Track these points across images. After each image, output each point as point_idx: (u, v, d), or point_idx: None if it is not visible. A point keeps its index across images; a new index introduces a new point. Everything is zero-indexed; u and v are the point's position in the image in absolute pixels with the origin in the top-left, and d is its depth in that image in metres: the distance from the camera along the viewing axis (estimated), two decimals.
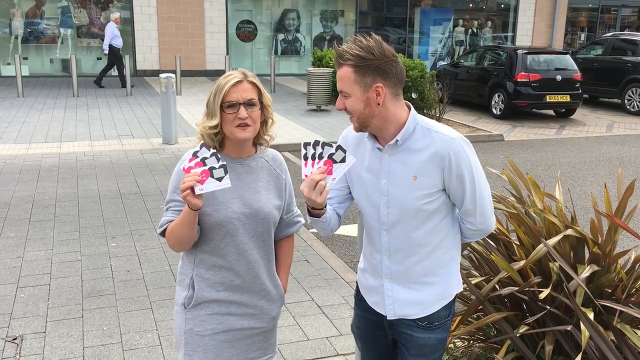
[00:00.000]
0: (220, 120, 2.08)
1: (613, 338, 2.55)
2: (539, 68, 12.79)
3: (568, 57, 13.35)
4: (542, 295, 2.58)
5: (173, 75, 9.39)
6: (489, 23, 21.93)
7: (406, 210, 2.08)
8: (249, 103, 2.08)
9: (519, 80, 12.48)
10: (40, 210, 6.16)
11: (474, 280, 2.93)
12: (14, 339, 3.76)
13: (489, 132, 11.25)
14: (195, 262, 2.20)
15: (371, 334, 2.36)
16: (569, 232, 2.80)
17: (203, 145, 2.00)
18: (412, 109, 2.11)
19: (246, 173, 2.19)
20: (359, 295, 2.37)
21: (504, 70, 12.91)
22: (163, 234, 2.16)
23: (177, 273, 2.28)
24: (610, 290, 2.85)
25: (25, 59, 16.90)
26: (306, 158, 1.99)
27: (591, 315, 2.46)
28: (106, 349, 3.69)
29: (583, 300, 2.63)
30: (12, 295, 4.34)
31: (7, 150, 8.64)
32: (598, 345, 2.42)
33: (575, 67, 13.11)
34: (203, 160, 1.97)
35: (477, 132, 11.19)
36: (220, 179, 1.96)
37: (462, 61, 14.85)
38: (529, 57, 12.80)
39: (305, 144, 1.98)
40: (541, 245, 2.73)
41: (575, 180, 8.15)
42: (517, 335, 2.71)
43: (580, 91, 13.00)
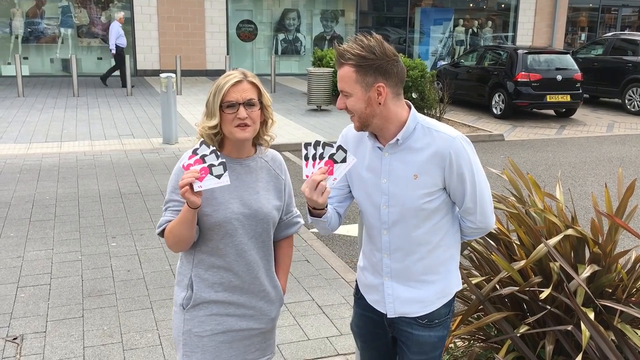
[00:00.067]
0: (220, 121, 2.07)
1: (613, 338, 2.55)
2: (539, 68, 12.79)
3: (568, 57, 13.35)
4: (542, 295, 2.58)
5: (173, 75, 9.39)
6: (490, 23, 21.93)
7: (407, 209, 2.08)
8: (248, 103, 2.06)
9: (519, 80, 12.48)
10: (41, 210, 6.16)
11: (475, 280, 2.93)
12: (14, 339, 3.76)
13: (490, 132, 11.24)
14: (194, 263, 2.18)
15: (371, 332, 2.36)
16: (570, 232, 2.80)
17: (203, 143, 1.98)
18: (412, 108, 2.11)
19: (246, 173, 2.18)
20: (359, 293, 2.37)
21: (504, 70, 12.91)
22: (162, 234, 2.14)
23: (176, 273, 2.27)
24: (610, 290, 2.85)
25: (26, 58, 16.91)
26: (307, 158, 1.98)
27: (592, 315, 2.46)
28: (106, 349, 3.69)
29: (583, 300, 2.63)
30: (12, 294, 4.34)
31: (8, 150, 8.64)
32: (598, 345, 2.42)
33: (576, 67, 13.10)
34: (202, 157, 1.95)
35: (477, 132, 11.19)
36: (219, 176, 1.95)
37: (463, 61, 14.85)
38: (530, 57, 12.80)
39: (306, 145, 1.98)
40: (542, 245, 2.73)
41: (575, 180, 8.14)
42: (518, 335, 2.71)
43: (580, 91, 13.00)
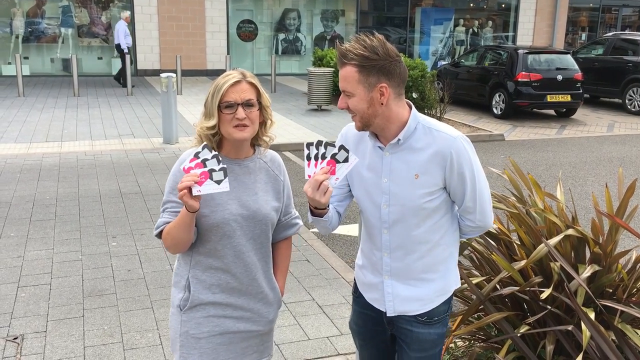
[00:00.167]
0: (218, 121, 2.05)
1: (614, 338, 2.55)
2: (539, 68, 12.79)
3: (569, 56, 13.35)
4: (543, 295, 2.58)
5: (174, 75, 9.40)
6: (490, 23, 21.93)
7: (407, 209, 2.09)
8: (247, 104, 2.05)
9: (519, 80, 12.47)
10: (41, 210, 6.16)
11: (475, 280, 2.93)
12: (14, 339, 3.76)
13: (490, 131, 11.24)
14: (191, 264, 2.17)
15: (370, 330, 2.36)
16: (570, 231, 2.80)
17: (205, 147, 1.96)
18: (413, 108, 2.11)
19: (244, 174, 2.16)
20: (357, 292, 2.37)
21: (504, 70, 12.90)
22: (159, 236, 2.13)
23: (173, 274, 2.26)
24: (611, 290, 2.85)
25: (26, 58, 16.92)
26: (309, 158, 1.98)
27: (592, 315, 2.46)
28: (107, 349, 3.69)
29: (584, 300, 2.63)
30: (12, 294, 4.34)
31: (8, 149, 8.64)
32: (599, 345, 2.42)
33: (576, 66, 13.10)
34: (204, 161, 1.93)
35: (477, 131, 11.19)
36: (219, 182, 1.93)
37: (463, 61, 14.84)
38: (530, 57, 12.79)
39: (308, 144, 1.97)
40: (542, 245, 2.73)
41: (576, 180, 8.14)
42: (518, 335, 2.71)
43: (581, 91, 13.00)
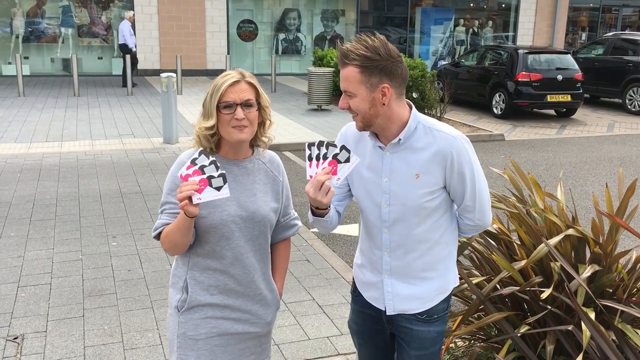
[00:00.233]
0: (217, 121, 2.04)
1: (614, 338, 2.55)
2: (540, 68, 12.78)
3: (569, 56, 13.35)
4: (543, 295, 2.58)
5: (174, 75, 9.39)
6: (490, 22, 21.93)
7: (408, 208, 2.10)
8: (246, 104, 2.04)
9: (519, 79, 12.47)
10: (41, 210, 6.16)
11: (475, 280, 2.93)
12: (14, 338, 3.76)
13: (490, 131, 11.24)
14: (189, 265, 2.16)
15: (369, 329, 2.37)
16: (570, 231, 2.80)
17: (202, 153, 1.94)
18: (413, 107, 2.12)
19: (243, 175, 2.15)
20: (356, 291, 2.37)
21: (504, 70, 12.90)
22: (158, 237, 2.12)
23: (170, 275, 2.25)
24: (611, 290, 2.85)
25: (26, 58, 16.91)
26: (310, 159, 1.98)
27: (592, 315, 2.46)
28: (107, 348, 3.69)
29: (584, 300, 2.63)
30: (13, 294, 4.34)
31: (8, 149, 8.64)
32: (599, 345, 2.42)
33: (576, 66, 13.10)
34: (202, 168, 1.91)
35: (478, 131, 11.19)
36: (219, 188, 1.91)
37: (463, 61, 14.84)
38: (530, 57, 12.79)
39: (310, 145, 1.97)
40: (542, 244, 2.72)
41: (576, 180, 8.14)
42: (518, 335, 2.71)
43: (581, 91, 12.99)
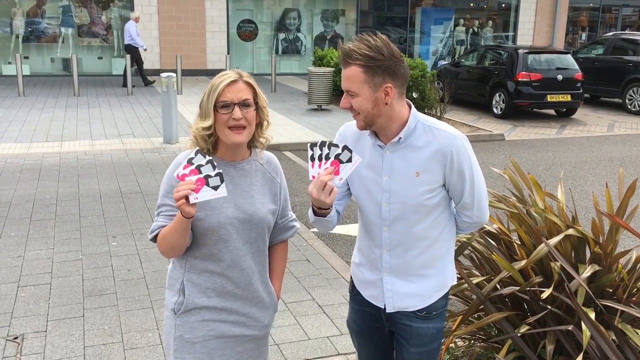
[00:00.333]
0: (214, 121, 2.02)
1: (614, 338, 2.55)
2: (540, 67, 12.78)
3: (569, 56, 13.34)
4: (543, 295, 2.58)
5: (174, 75, 9.39)
6: (490, 22, 21.92)
7: (408, 206, 2.12)
8: (243, 104, 2.02)
9: (520, 79, 12.47)
10: (41, 210, 6.16)
11: (475, 280, 2.93)
12: (14, 338, 3.76)
13: (490, 131, 11.24)
14: (186, 267, 2.14)
15: (369, 327, 2.38)
16: (570, 231, 2.80)
17: (198, 152, 1.93)
18: (412, 107, 2.14)
19: (240, 177, 2.13)
20: (355, 290, 2.38)
21: (505, 70, 12.90)
22: (154, 240, 2.10)
23: (167, 277, 2.22)
24: (611, 290, 2.85)
25: (26, 58, 16.91)
26: (313, 159, 1.98)
27: (592, 315, 2.46)
28: (107, 348, 3.69)
29: (584, 300, 2.63)
30: (13, 294, 4.34)
31: (8, 149, 8.64)
32: (599, 345, 2.42)
33: (576, 66, 13.10)
34: (198, 167, 1.90)
35: (478, 131, 11.19)
36: (216, 187, 1.90)
37: (463, 60, 14.84)
38: (530, 57, 12.79)
39: (312, 145, 1.97)
40: (542, 244, 2.73)
41: (576, 180, 8.14)
42: (518, 335, 2.71)
43: (581, 91, 12.99)
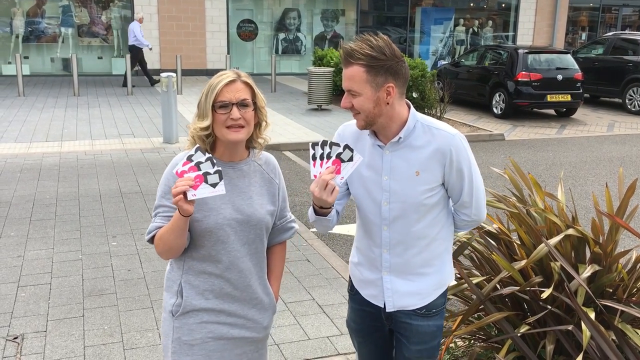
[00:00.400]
0: (212, 121, 2.01)
1: (614, 338, 2.55)
2: (539, 67, 12.78)
3: (569, 56, 13.34)
4: (543, 295, 2.58)
5: (174, 75, 9.39)
6: (490, 22, 21.92)
7: (408, 205, 2.13)
8: (242, 104, 2.01)
9: (519, 79, 12.47)
10: (41, 210, 6.16)
11: (475, 280, 2.93)
12: (14, 338, 3.76)
13: (490, 131, 11.24)
14: (184, 269, 2.13)
15: (368, 326, 2.38)
16: (570, 231, 2.80)
17: (198, 149, 1.92)
18: (411, 106, 2.16)
19: (238, 177, 2.12)
20: (354, 289, 2.38)
21: (504, 70, 12.90)
22: (151, 241, 2.08)
23: (165, 278, 2.21)
24: (611, 290, 2.85)
25: (26, 58, 16.91)
26: (314, 158, 1.98)
27: (592, 315, 2.46)
28: (107, 348, 3.69)
29: (584, 300, 2.63)
30: (12, 294, 4.34)
31: (8, 149, 8.64)
32: (599, 345, 2.42)
33: (576, 66, 13.10)
34: (197, 164, 1.89)
35: (478, 131, 11.19)
36: (214, 185, 1.89)
37: (463, 60, 14.84)
38: (530, 57, 12.79)
39: (313, 144, 1.97)
40: (542, 244, 2.72)
41: (576, 180, 8.14)
42: (518, 334, 2.71)
43: (581, 91, 12.99)
